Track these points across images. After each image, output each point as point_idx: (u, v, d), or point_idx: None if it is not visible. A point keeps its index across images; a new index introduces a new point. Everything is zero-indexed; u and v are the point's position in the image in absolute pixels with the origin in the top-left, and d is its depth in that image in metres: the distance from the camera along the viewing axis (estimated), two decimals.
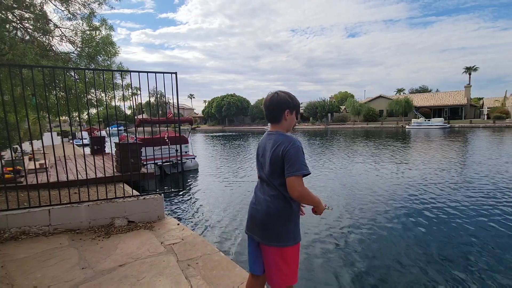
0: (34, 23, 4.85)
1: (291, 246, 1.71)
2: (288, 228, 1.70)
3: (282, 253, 1.71)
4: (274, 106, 1.74)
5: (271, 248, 1.72)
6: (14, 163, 5.96)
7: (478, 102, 51.29)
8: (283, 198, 1.70)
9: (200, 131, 56.44)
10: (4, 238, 3.48)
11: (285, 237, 1.69)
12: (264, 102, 1.81)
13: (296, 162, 1.59)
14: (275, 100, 1.73)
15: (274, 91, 1.78)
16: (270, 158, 1.69)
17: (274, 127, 1.79)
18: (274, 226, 1.70)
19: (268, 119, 1.80)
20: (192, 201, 7.74)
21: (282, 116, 1.74)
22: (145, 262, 2.99)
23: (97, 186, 4.68)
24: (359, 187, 8.41)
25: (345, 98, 60.88)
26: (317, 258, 4.26)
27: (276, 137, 1.71)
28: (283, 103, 1.72)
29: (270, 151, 1.69)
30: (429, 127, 37.90)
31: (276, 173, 1.68)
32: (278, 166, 1.66)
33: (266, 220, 1.72)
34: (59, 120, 7.60)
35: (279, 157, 1.64)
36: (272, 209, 1.71)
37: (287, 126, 1.78)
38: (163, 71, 4.17)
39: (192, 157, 12.46)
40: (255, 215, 1.79)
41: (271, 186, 1.72)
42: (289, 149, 1.61)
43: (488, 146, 17.42)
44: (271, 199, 1.72)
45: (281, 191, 1.69)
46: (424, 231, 5.17)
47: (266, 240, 1.72)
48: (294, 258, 1.74)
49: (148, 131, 20.71)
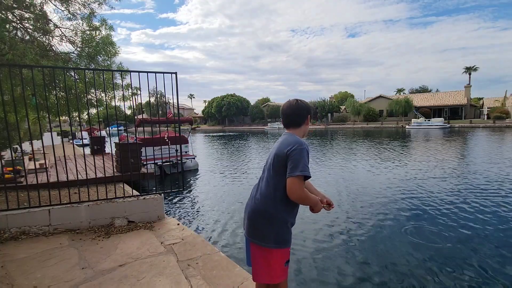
0: (34, 23, 4.84)
1: (274, 249, 1.70)
2: (273, 229, 1.70)
3: (264, 253, 1.72)
4: (297, 111, 1.83)
5: (254, 245, 1.76)
6: (14, 163, 5.96)
7: (478, 102, 51.29)
8: (272, 199, 1.70)
9: (200, 131, 56.43)
10: (4, 238, 3.48)
11: (268, 238, 1.70)
12: (284, 108, 1.87)
13: (300, 163, 1.59)
14: (300, 106, 1.84)
15: (294, 99, 1.88)
16: (274, 156, 1.72)
17: (292, 131, 1.85)
18: (259, 225, 1.72)
19: (286, 124, 1.87)
20: (192, 201, 7.74)
21: (305, 121, 1.85)
22: (145, 262, 2.99)
23: (97, 186, 4.68)
24: (359, 187, 8.40)
25: (345, 98, 60.89)
26: (316, 259, 4.26)
27: (288, 137, 1.76)
28: (305, 109, 1.85)
29: (277, 149, 1.73)
30: (429, 127, 37.90)
31: (278, 175, 1.69)
32: (280, 167, 1.67)
33: (252, 217, 1.77)
34: (59, 120, 7.60)
35: (283, 155, 1.65)
36: (259, 207, 1.74)
37: (305, 130, 1.88)
38: (163, 71, 4.17)
39: (192, 157, 12.46)
40: (245, 210, 1.87)
41: (266, 184, 1.74)
42: (295, 148, 1.63)
43: (488, 146, 17.42)
44: (260, 198, 1.74)
45: (273, 192, 1.70)
46: (424, 231, 5.17)
47: (251, 236, 1.77)
48: (277, 261, 1.72)
49: (148, 131, 20.71)
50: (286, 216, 1.73)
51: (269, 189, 1.72)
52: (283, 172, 1.66)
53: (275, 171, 1.70)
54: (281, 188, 1.68)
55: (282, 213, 1.71)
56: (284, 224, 1.73)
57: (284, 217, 1.72)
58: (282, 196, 1.69)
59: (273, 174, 1.70)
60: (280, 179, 1.68)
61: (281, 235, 1.71)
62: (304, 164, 1.60)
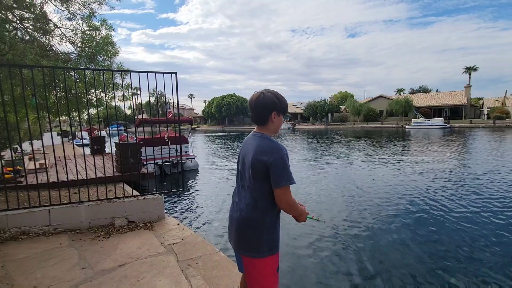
0: (34, 23, 4.84)
1: (265, 258, 1.63)
2: (261, 239, 1.62)
3: (255, 264, 1.65)
4: (260, 107, 1.61)
5: (244, 258, 1.68)
6: (14, 163, 5.96)
7: (478, 102, 51.27)
8: (256, 208, 1.61)
9: (200, 131, 56.40)
10: (4, 238, 3.48)
11: (257, 248, 1.62)
12: (249, 102, 1.66)
13: (283, 173, 1.51)
14: (261, 101, 1.60)
15: (260, 91, 1.63)
16: (251, 164, 1.58)
17: (260, 129, 1.67)
18: (250, 236, 1.63)
19: (254, 120, 1.67)
20: (192, 201, 7.74)
21: (269, 118, 1.62)
22: (145, 262, 2.99)
23: (97, 186, 4.68)
24: (359, 186, 8.40)
25: (345, 98, 60.86)
26: (315, 260, 4.26)
27: (260, 142, 1.60)
28: (270, 104, 1.60)
29: (253, 158, 1.57)
30: (429, 127, 37.89)
31: (258, 182, 1.59)
32: (261, 175, 1.56)
33: (241, 229, 1.66)
34: (59, 120, 7.60)
35: (263, 167, 1.54)
36: (244, 218, 1.64)
37: (274, 128, 1.67)
38: (163, 71, 4.17)
39: (192, 157, 12.46)
40: (231, 221, 1.76)
41: (250, 193, 1.63)
42: (275, 159, 1.51)
43: (488, 146, 17.41)
44: (246, 208, 1.64)
45: (257, 201, 1.61)
46: (424, 230, 5.17)
47: (240, 250, 1.68)
48: (269, 269, 1.66)
49: (148, 131, 20.71)
50: (274, 221, 1.67)
51: (254, 198, 1.62)
52: (264, 179, 1.57)
53: (256, 179, 1.58)
54: (265, 195, 1.60)
55: (270, 219, 1.64)
56: (274, 229, 1.67)
57: (272, 222, 1.66)
58: (267, 203, 1.61)
59: (255, 182, 1.59)
60: (262, 187, 1.58)
61: (272, 240, 1.65)
62: (288, 172, 1.52)
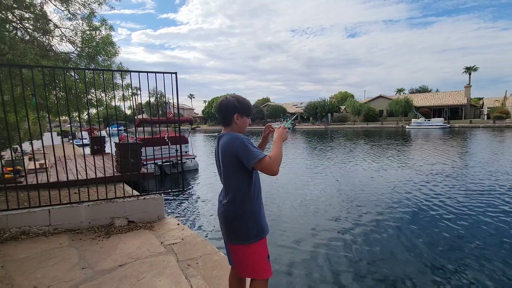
0: (34, 23, 4.84)
1: (252, 243, 1.75)
2: (246, 228, 1.74)
3: (244, 251, 1.77)
4: (224, 110, 1.81)
5: (234, 246, 1.80)
6: (14, 163, 5.97)
7: (478, 102, 51.26)
8: (236, 201, 1.75)
9: (200, 131, 56.41)
10: (4, 238, 3.48)
11: (245, 236, 1.74)
12: (216, 106, 1.89)
13: (249, 153, 1.63)
14: (224, 104, 1.81)
15: (225, 95, 1.85)
16: (222, 160, 1.76)
17: (226, 130, 1.85)
18: (235, 227, 1.77)
19: (219, 122, 1.88)
20: (192, 201, 7.74)
21: (232, 119, 1.81)
22: (145, 262, 2.99)
23: (97, 186, 4.68)
24: (359, 186, 8.41)
25: (345, 98, 60.87)
26: (315, 259, 4.26)
27: (224, 139, 1.77)
28: (232, 107, 1.79)
29: (221, 153, 1.75)
30: (429, 127, 37.89)
31: (232, 175, 1.73)
32: (232, 167, 1.71)
33: (226, 222, 1.80)
34: (59, 120, 7.60)
35: (232, 156, 1.69)
36: (227, 212, 1.78)
37: (238, 129, 1.84)
38: (163, 71, 4.17)
39: (192, 157, 12.46)
40: (219, 218, 1.90)
41: (227, 189, 1.79)
42: (237, 145, 1.66)
43: (490, 145, 17.41)
44: (227, 202, 1.78)
45: (236, 191, 1.74)
46: (423, 231, 5.17)
47: (229, 239, 1.81)
48: (259, 254, 1.78)
49: (148, 131, 20.70)
50: (256, 208, 1.79)
51: (232, 192, 1.76)
52: (236, 171, 1.71)
53: (230, 172, 1.74)
54: (241, 186, 1.73)
55: (251, 208, 1.76)
56: (257, 215, 1.78)
57: (254, 210, 1.77)
58: (245, 193, 1.74)
59: (229, 176, 1.75)
60: (237, 179, 1.73)
61: (257, 226, 1.77)
62: (252, 151, 1.63)
